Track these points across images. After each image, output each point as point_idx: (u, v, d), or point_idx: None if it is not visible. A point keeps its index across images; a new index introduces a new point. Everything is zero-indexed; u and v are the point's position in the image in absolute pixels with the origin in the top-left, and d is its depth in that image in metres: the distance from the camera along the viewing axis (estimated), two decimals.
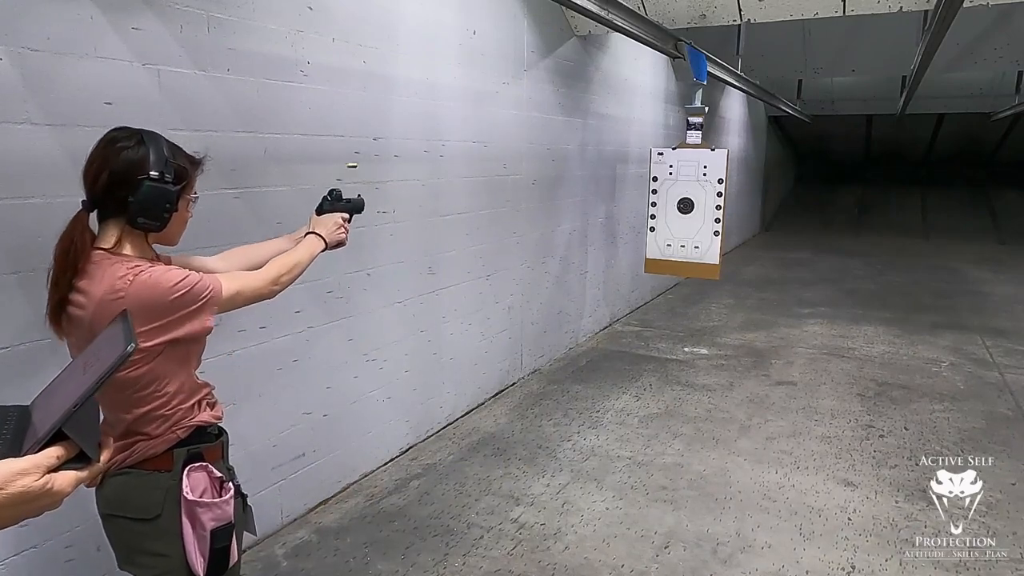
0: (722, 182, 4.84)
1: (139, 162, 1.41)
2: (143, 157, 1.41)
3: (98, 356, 0.92)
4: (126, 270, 1.39)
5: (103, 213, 1.45)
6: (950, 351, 5.79)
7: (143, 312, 1.37)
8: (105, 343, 0.98)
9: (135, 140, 1.43)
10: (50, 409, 0.84)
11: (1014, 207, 13.86)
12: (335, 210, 1.89)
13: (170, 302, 1.40)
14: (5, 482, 0.73)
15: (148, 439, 1.49)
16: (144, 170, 1.41)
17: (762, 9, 4.59)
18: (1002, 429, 4.17)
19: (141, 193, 1.40)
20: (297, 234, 1.96)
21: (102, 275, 1.39)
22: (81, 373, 0.90)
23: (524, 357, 5.01)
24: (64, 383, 0.90)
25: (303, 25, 2.82)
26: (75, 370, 0.94)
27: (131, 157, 1.41)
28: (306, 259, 1.77)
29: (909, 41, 7.17)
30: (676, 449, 3.86)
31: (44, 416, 0.84)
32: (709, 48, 5.36)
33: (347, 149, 3.12)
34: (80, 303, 1.40)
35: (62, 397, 0.84)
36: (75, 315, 1.41)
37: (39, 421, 0.84)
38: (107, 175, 1.40)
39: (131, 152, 1.41)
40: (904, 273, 9.66)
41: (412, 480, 3.47)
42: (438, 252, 3.88)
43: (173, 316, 1.42)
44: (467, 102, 3.99)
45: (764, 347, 5.88)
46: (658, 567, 2.77)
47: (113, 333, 1.00)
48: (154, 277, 1.39)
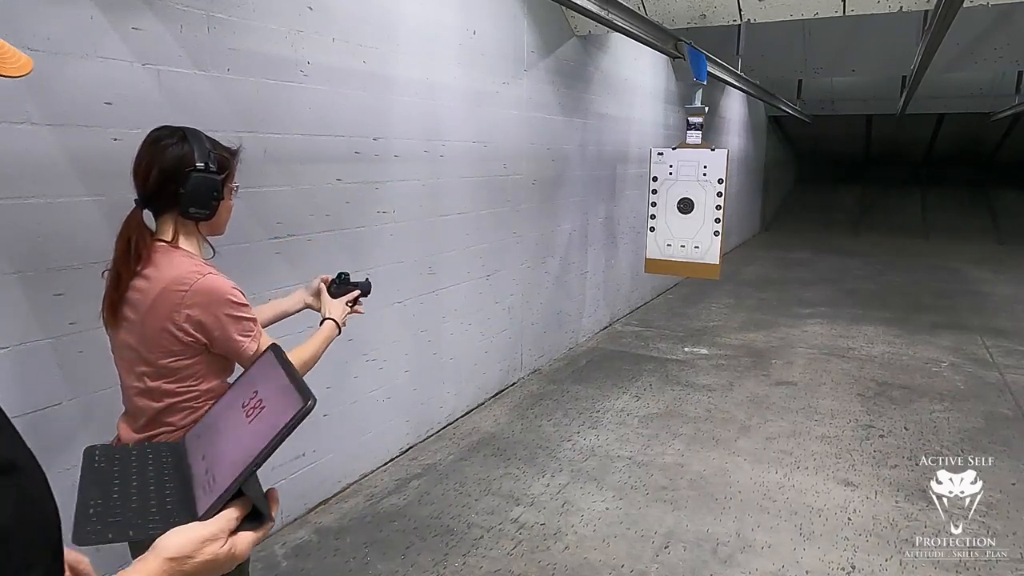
0: (722, 182, 4.84)
1: (185, 156, 1.51)
2: (188, 152, 1.51)
3: (266, 403, 0.85)
4: (195, 267, 1.50)
5: (157, 208, 1.55)
6: (950, 351, 5.79)
7: (201, 309, 1.48)
8: (271, 389, 0.88)
9: (178, 137, 1.53)
10: (218, 459, 0.80)
11: (1014, 207, 13.86)
12: (343, 292, 1.91)
13: (226, 301, 1.51)
14: (194, 551, 0.71)
15: (172, 430, 1.55)
16: (191, 163, 1.51)
17: (762, 9, 4.59)
18: (1002, 429, 4.17)
19: (190, 184, 1.51)
20: (293, 296, 1.94)
21: (169, 263, 1.49)
22: (245, 420, 0.84)
23: (524, 357, 5.01)
24: (226, 430, 0.86)
25: (303, 25, 2.82)
26: (234, 413, 0.88)
27: (177, 152, 1.51)
28: (323, 349, 1.81)
29: (909, 41, 7.16)
30: (676, 449, 3.86)
31: (211, 465, 0.81)
32: (709, 48, 5.36)
33: (347, 149, 3.13)
34: (142, 288, 1.50)
35: (233, 448, 0.80)
36: (133, 299, 1.51)
37: (208, 470, 0.81)
38: (157, 171, 1.50)
39: (176, 148, 1.51)
40: (904, 273, 9.65)
41: (412, 480, 3.47)
42: (438, 252, 3.88)
43: (223, 317, 1.51)
44: (467, 102, 3.99)
45: (764, 347, 5.88)
46: (658, 567, 2.77)
47: (275, 376, 0.89)
48: (218, 280, 1.52)
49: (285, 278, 2.81)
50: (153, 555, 0.71)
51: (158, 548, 0.71)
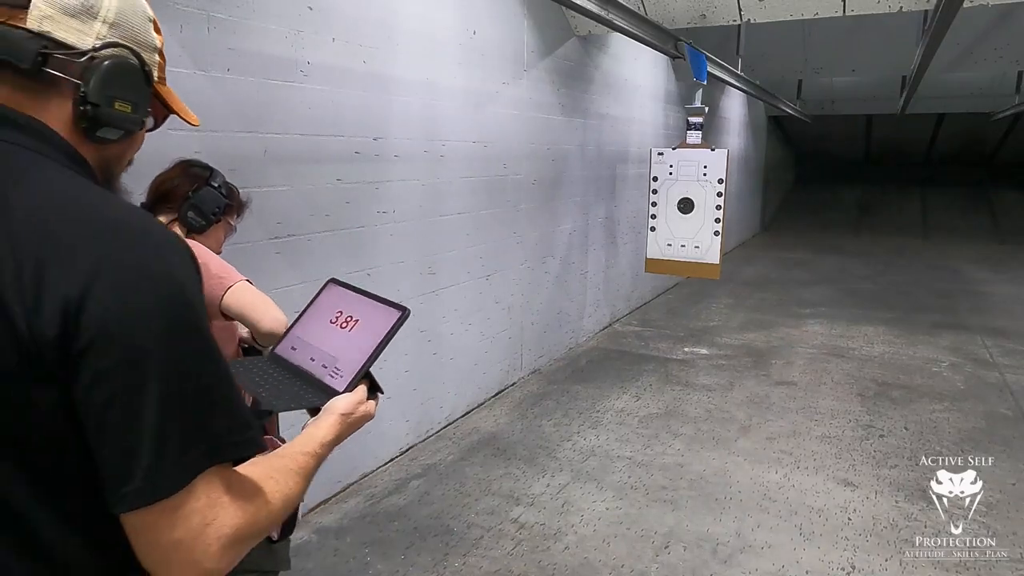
0: (722, 182, 4.84)
1: (206, 175, 1.77)
2: (210, 174, 1.78)
3: (359, 317, 1.06)
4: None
5: (158, 210, 1.71)
6: (950, 351, 5.79)
7: None
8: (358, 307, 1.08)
9: (203, 166, 1.81)
10: (337, 355, 1.03)
11: (1014, 207, 13.86)
12: None
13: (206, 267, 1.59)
14: (353, 409, 0.96)
15: None
16: (209, 180, 1.76)
17: (762, 9, 4.59)
18: (1002, 429, 4.17)
19: (201, 192, 1.72)
20: None
21: None
22: (343, 330, 1.06)
23: (524, 357, 5.01)
24: (328, 339, 1.07)
25: (303, 25, 2.82)
26: (326, 329, 1.09)
27: (200, 172, 1.78)
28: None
29: (909, 41, 7.17)
30: (676, 449, 3.86)
31: (329, 361, 1.03)
32: (709, 48, 5.36)
33: (347, 149, 3.13)
34: None
35: (349, 347, 1.03)
36: None
37: (327, 364, 1.03)
38: (178, 179, 1.73)
39: (200, 170, 1.79)
40: (904, 273, 9.66)
41: (412, 480, 3.47)
42: (438, 252, 3.88)
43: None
44: (467, 102, 3.99)
45: (764, 347, 5.88)
46: (658, 567, 2.77)
47: (352, 298, 1.11)
48: (201, 248, 1.65)
49: (285, 278, 2.81)
50: (327, 413, 0.94)
51: (331, 408, 0.95)
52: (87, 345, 0.65)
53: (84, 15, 0.75)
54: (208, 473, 0.71)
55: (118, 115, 0.79)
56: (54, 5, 0.73)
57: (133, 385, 0.67)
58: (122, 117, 0.79)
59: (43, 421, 0.67)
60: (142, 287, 0.68)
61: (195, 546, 0.71)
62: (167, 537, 0.70)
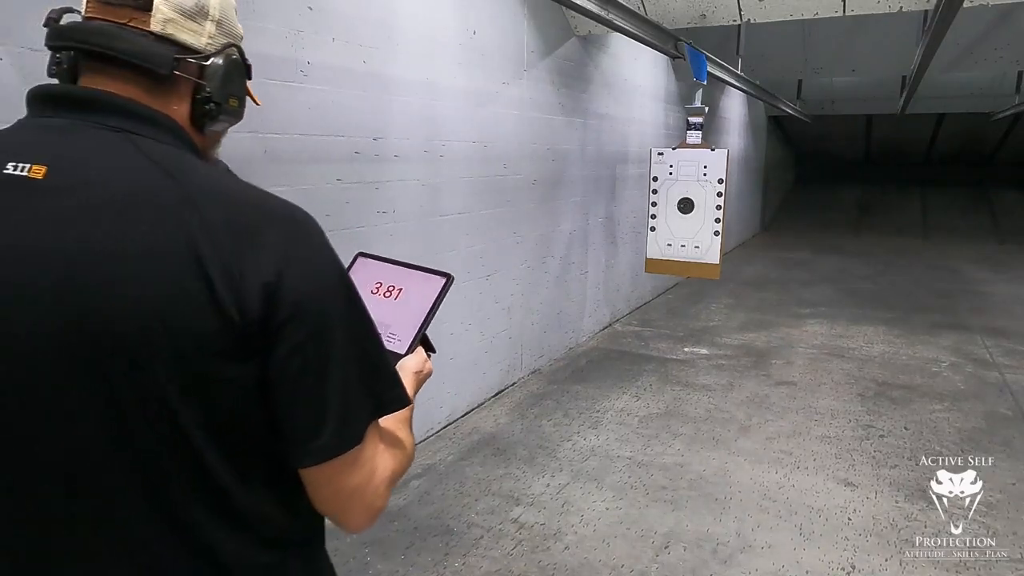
0: (722, 182, 4.85)
1: None
2: None
3: (401, 286, 1.11)
4: None
5: None
6: (950, 351, 5.79)
7: None
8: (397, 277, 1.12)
9: None
10: (390, 322, 1.07)
11: (1014, 207, 13.86)
12: None
13: None
14: (421, 368, 1.05)
15: None
16: None
17: (762, 9, 4.59)
18: (1002, 429, 4.17)
19: None
20: None
21: None
22: (390, 299, 1.10)
23: (524, 357, 5.01)
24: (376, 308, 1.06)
25: (303, 25, 2.83)
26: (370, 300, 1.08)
27: None
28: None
29: (909, 41, 7.17)
30: (676, 449, 3.86)
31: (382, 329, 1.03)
32: (709, 48, 5.36)
33: (347, 149, 3.13)
34: None
35: (400, 314, 1.08)
36: None
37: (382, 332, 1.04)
38: None
39: None
40: (904, 273, 9.66)
41: (412, 480, 3.47)
42: (438, 252, 3.88)
43: None
44: (467, 102, 3.99)
45: (764, 347, 5.88)
46: (658, 567, 2.77)
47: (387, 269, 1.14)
48: None
49: None
50: (402, 372, 0.99)
51: (404, 368, 1.02)
52: (284, 322, 0.74)
53: (199, 16, 0.81)
54: (371, 426, 0.83)
55: (230, 109, 0.87)
56: (174, 7, 0.78)
57: (323, 354, 0.77)
58: (232, 111, 0.87)
59: (241, 395, 0.75)
60: (323, 270, 0.78)
61: (368, 490, 0.83)
62: (348, 484, 0.81)
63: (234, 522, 0.78)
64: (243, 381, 0.74)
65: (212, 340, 0.71)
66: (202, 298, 0.70)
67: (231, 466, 0.76)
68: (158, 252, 0.70)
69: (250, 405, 0.76)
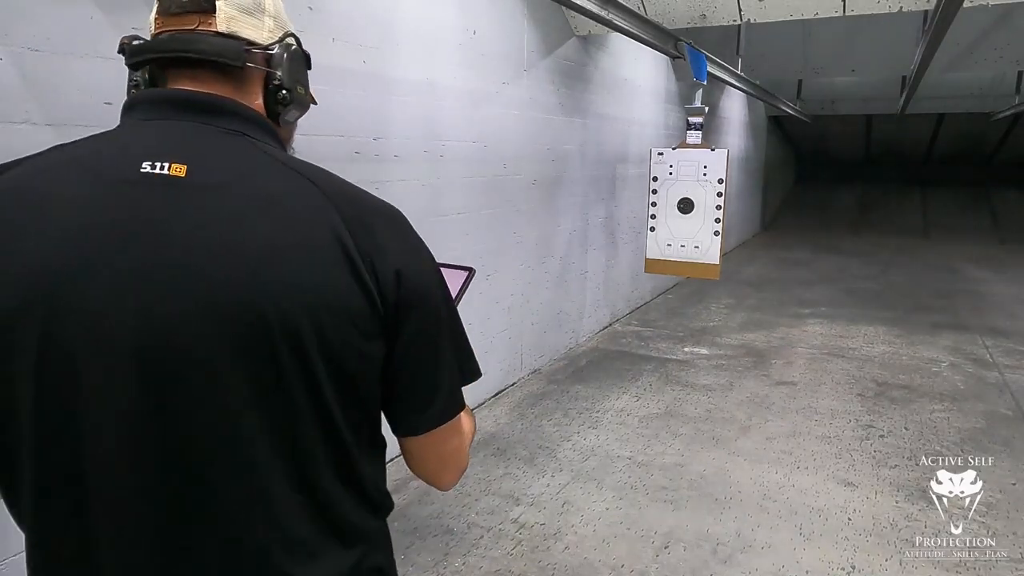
0: (722, 182, 4.84)
1: None
2: None
3: None
4: None
5: None
6: (950, 351, 5.79)
7: None
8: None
9: None
10: None
11: (1014, 207, 13.86)
12: None
13: None
14: None
15: None
16: None
17: (762, 9, 4.59)
18: (1002, 429, 4.17)
19: None
20: None
21: None
22: None
23: (524, 357, 5.01)
24: None
25: (303, 25, 2.82)
26: None
27: None
28: None
29: (909, 41, 7.17)
30: (676, 449, 3.86)
31: None
32: (709, 48, 5.36)
33: (347, 149, 3.13)
34: None
35: None
36: None
37: None
38: None
39: None
40: (904, 273, 9.66)
41: (412, 480, 3.47)
42: (438, 252, 3.81)
43: None
44: (467, 102, 3.99)
45: (764, 347, 5.88)
46: (658, 567, 2.77)
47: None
48: None
49: None
50: None
51: None
52: (411, 305, 0.85)
53: (257, 12, 0.88)
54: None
55: (299, 97, 0.94)
56: (234, 6, 0.84)
57: (437, 332, 0.89)
58: (301, 99, 0.95)
59: (370, 369, 0.84)
60: (429, 258, 0.91)
61: (462, 450, 0.97)
62: (450, 446, 0.95)
63: (354, 489, 0.87)
64: (374, 357, 0.84)
65: (362, 321, 0.80)
66: (355, 286, 0.80)
67: (355, 436, 0.85)
68: (317, 246, 0.78)
69: (374, 380, 0.86)
